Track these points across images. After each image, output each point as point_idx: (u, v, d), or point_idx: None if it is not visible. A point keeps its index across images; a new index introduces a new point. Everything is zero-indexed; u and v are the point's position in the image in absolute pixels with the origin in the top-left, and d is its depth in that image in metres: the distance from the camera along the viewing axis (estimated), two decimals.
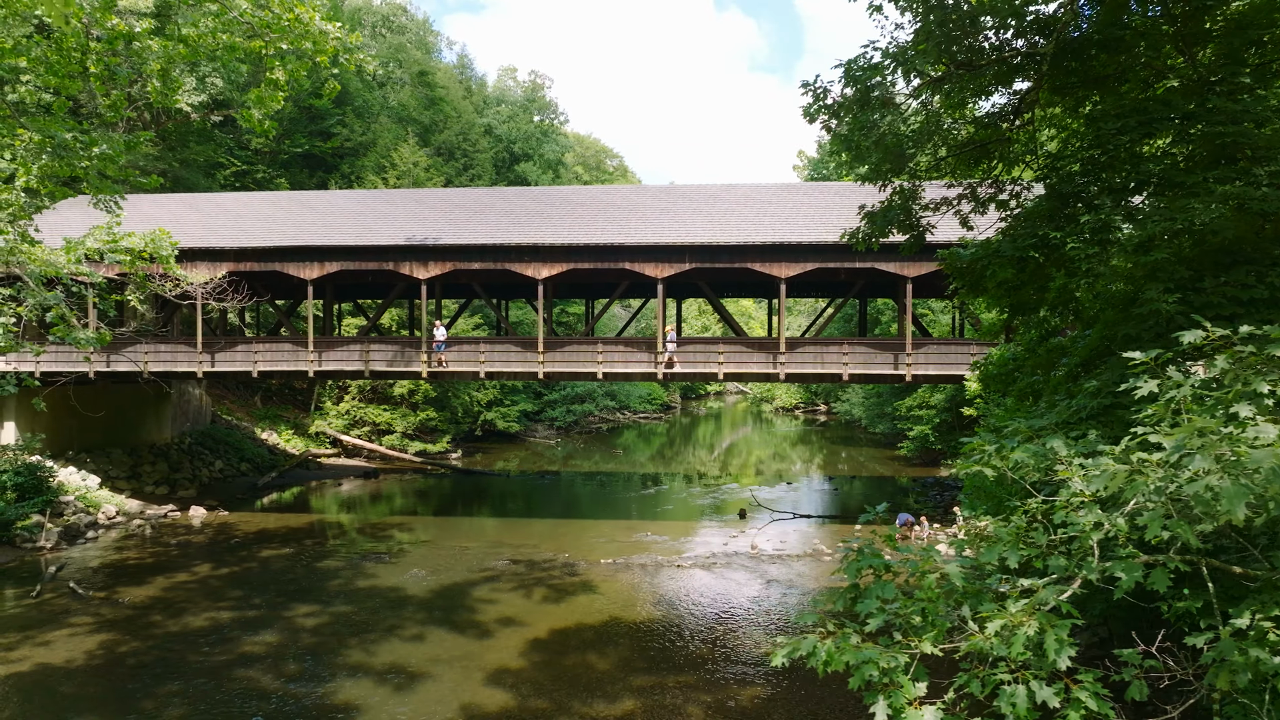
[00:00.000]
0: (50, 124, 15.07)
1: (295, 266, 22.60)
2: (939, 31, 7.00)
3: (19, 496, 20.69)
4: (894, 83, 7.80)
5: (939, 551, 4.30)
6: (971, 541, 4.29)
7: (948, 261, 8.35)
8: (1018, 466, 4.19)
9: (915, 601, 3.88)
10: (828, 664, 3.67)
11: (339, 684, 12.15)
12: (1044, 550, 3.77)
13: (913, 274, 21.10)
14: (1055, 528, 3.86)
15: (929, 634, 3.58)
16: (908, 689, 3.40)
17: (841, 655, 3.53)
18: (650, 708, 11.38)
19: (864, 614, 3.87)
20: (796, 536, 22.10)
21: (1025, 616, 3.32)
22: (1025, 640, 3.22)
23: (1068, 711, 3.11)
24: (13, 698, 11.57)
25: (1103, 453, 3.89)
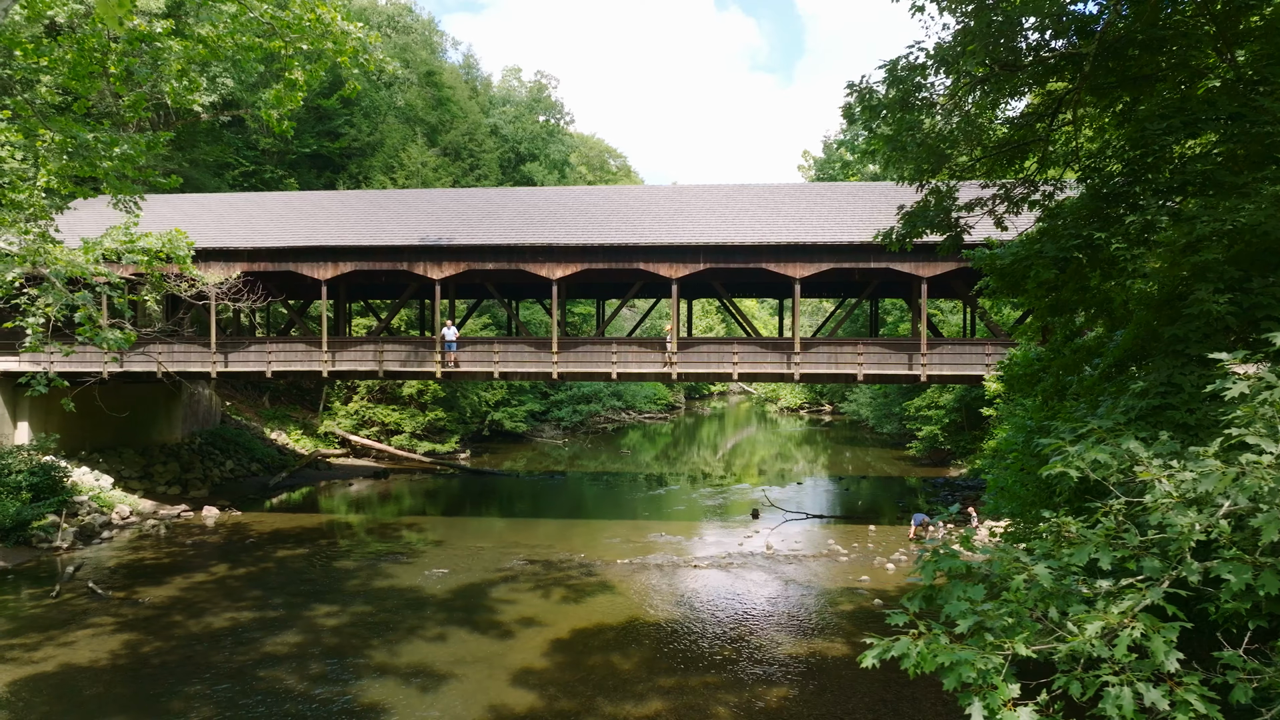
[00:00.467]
0: (71, 124, 15.09)
1: (309, 267, 22.61)
2: (983, 31, 6.99)
3: (34, 496, 20.70)
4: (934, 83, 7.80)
5: (1022, 552, 4.29)
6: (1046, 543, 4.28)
7: (985, 262, 8.34)
8: (1098, 467, 4.18)
9: (1003, 602, 3.87)
10: (920, 665, 3.66)
11: (365, 684, 12.15)
12: (1137, 551, 3.76)
13: (927, 274, 21.11)
14: (1146, 529, 3.84)
15: (1021, 635, 3.57)
16: (1003, 690, 3.40)
17: (935, 657, 3.52)
18: (677, 708, 11.37)
19: (953, 615, 3.86)
20: (809, 537, 22.09)
21: (1126, 618, 3.31)
22: (1130, 642, 3.21)
23: (1175, 714, 3.10)
24: (40, 698, 11.57)
25: (1193, 455, 3.88)
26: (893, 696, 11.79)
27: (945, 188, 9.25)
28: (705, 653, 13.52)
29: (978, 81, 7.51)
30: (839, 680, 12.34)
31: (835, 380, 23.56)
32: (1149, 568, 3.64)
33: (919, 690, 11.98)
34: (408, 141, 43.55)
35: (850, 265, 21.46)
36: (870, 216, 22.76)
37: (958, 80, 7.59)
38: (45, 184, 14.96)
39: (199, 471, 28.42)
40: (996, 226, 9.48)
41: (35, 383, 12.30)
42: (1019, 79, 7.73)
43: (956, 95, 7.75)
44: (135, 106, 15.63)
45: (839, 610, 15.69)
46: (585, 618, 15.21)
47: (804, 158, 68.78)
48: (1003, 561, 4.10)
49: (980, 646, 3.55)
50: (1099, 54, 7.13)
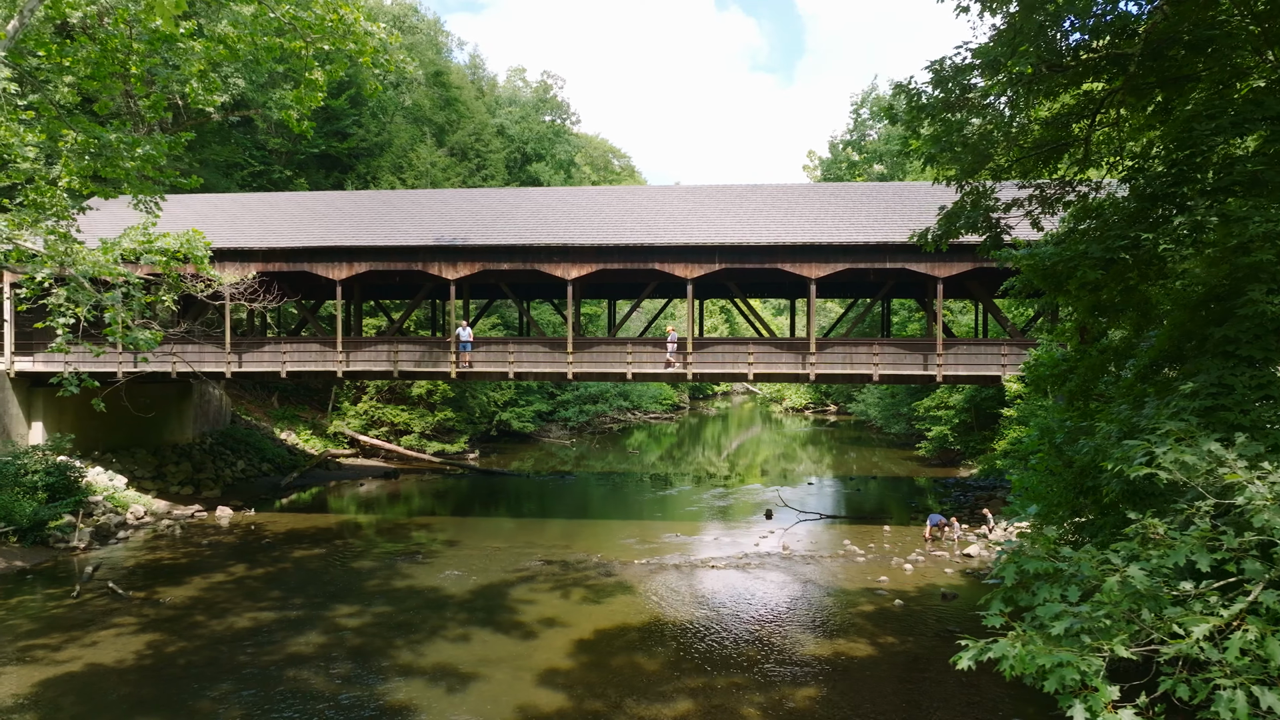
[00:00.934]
0: (93, 125, 15.10)
1: (324, 267, 22.62)
2: (1034, 32, 6.98)
3: (50, 497, 20.70)
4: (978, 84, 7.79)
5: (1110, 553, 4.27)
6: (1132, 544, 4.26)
7: (1026, 262, 8.33)
8: (1185, 468, 4.17)
9: (1097, 604, 3.86)
10: (1019, 667, 3.65)
11: (392, 685, 12.15)
12: (1236, 553, 3.76)
13: (943, 275, 21.11)
14: (1243, 530, 3.84)
15: (1119, 637, 3.57)
16: (1104, 693, 3.39)
17: (1034, 659, 3.51)
18: (706, 709, 11.37)
19: (1045, 617, 3.85)
20: (825, 537, 22.09)
21: (1235, 620, 3.31)
22: (1244, 644, 3.21)
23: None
24: (68, 699, 11.58)
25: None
26: (922, 697, 11.79)
27: (983, 188, 9.24)
28: (730, 653, 13.51)
29: (1023, 82, 7.50)
30: (866, 681, 12.33)
31: (850, 380, 23.55)
32: (1250, 570, 3.64)
33: (948, 690, 11.98)
34: (416, 142, 43.56)
35: (866, 265, 21.46)
36: (885, 217, 22.77)
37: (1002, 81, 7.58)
38: (67, 184, 14.98)
39: (211, 472, 28.43)
40: (1033, 227, 9.47)
41: (67, 383, 12.29)
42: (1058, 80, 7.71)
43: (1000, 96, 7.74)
44: (155, 107, 15.65)
45: (860, 611, 15.68)
46: (607, 618, 15.21)
47: (809, 158, 68.80)
48: (1088, 563, 4.09)
49: (1079, 649, 3.54)
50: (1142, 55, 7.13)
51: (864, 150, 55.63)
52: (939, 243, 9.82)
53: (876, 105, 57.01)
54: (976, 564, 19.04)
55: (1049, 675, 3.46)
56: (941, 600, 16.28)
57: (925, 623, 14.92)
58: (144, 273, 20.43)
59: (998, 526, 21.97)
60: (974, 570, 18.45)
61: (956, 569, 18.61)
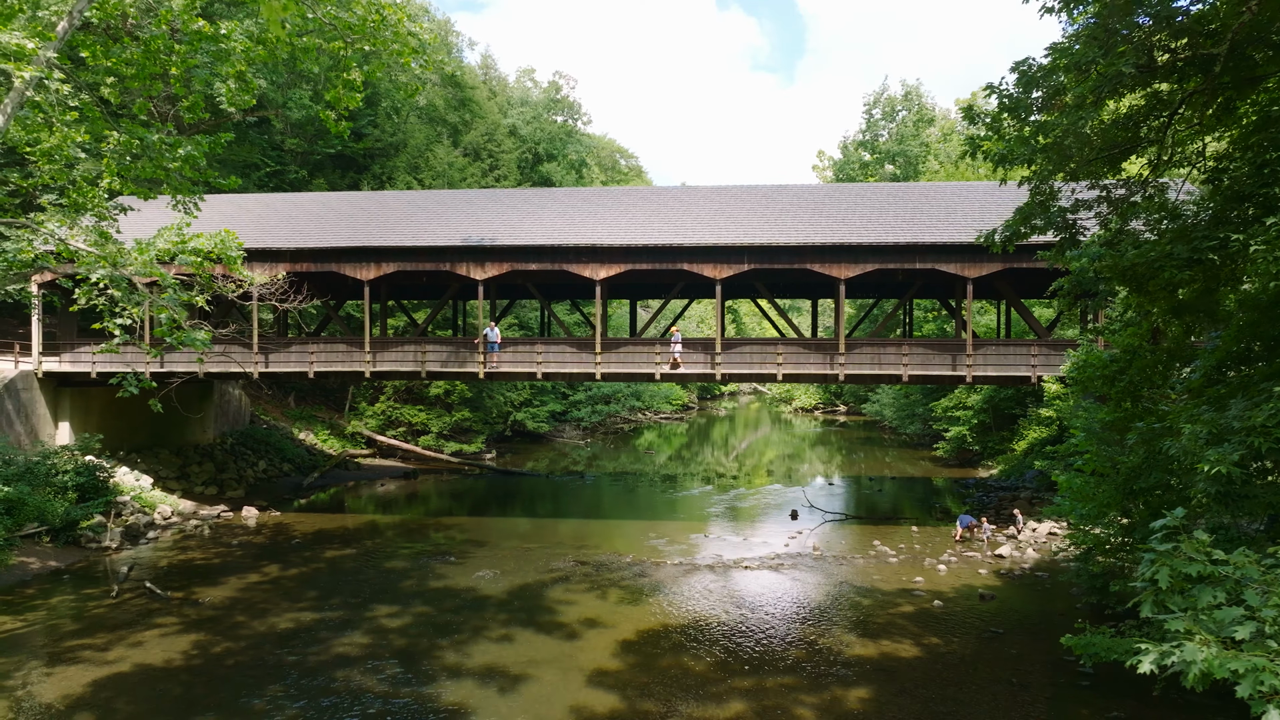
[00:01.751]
0: (136, 126, 15.13)
1: (352, 267, 22.64)
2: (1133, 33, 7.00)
3: (80, 497, 20.73)
4: (1063, 83, 7.79)
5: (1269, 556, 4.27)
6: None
7: (1106, 262, 8.32)
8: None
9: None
10: (1206, 672, 3.64)
11: (442, 685, 12.15)
12: None
13: (973, 275, 21.11)
14: None
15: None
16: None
17: (1225, 664, 3.50)
18: (760, 710, 11.37)
19: (1224, 620, 3.84)
20: (853, 537, 22.07)
21: None
22: None
23: None
24: (121, 698, 11.59)
25: None
26: (973, 699, 11.77)
27: (1053, 189, 9.24)
28: (775, 654, 13.51)
29: (1110, 83, 7.47)
30: (917, 683, 12.32)
31: (879, 381, 23.55)
32: None
33: (1000, 693, 11.97)
34: (432, 142, 43.56)
35: (895, 266, 21.46)
36: (913, 217, 22.77)
37: (1091, 82, 7.57)
38: (107, 185, 15.00)
39: (233, 472, 28.45)
40: (1101, 228, 9.47)
41: (127, 383, 12.30)
42: (1135, 80, 7.71)
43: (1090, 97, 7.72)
44: (194, 108, 15.67)
45: (900, 611, 15.67)
46: (647, 619, 15.21)
47: (819, 158, 68.74)
48: (1251, 567, 4.08)
49: (1268, 653, 3.53)
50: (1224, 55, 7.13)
51: (877, 150, 55.57)
52: (1007, 244, 9.82)
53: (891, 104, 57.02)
54: (1009, 564, 19.03)
55: (1243, 679, 3.45)
56: (980, 601, 16.27)
57: (967, 624, 14.91)
58: (175, 273, 20.48)
59: (1026, 527, 21.97)
60: (1007, 571, 18.43)
61: (990, 569, 18.60)
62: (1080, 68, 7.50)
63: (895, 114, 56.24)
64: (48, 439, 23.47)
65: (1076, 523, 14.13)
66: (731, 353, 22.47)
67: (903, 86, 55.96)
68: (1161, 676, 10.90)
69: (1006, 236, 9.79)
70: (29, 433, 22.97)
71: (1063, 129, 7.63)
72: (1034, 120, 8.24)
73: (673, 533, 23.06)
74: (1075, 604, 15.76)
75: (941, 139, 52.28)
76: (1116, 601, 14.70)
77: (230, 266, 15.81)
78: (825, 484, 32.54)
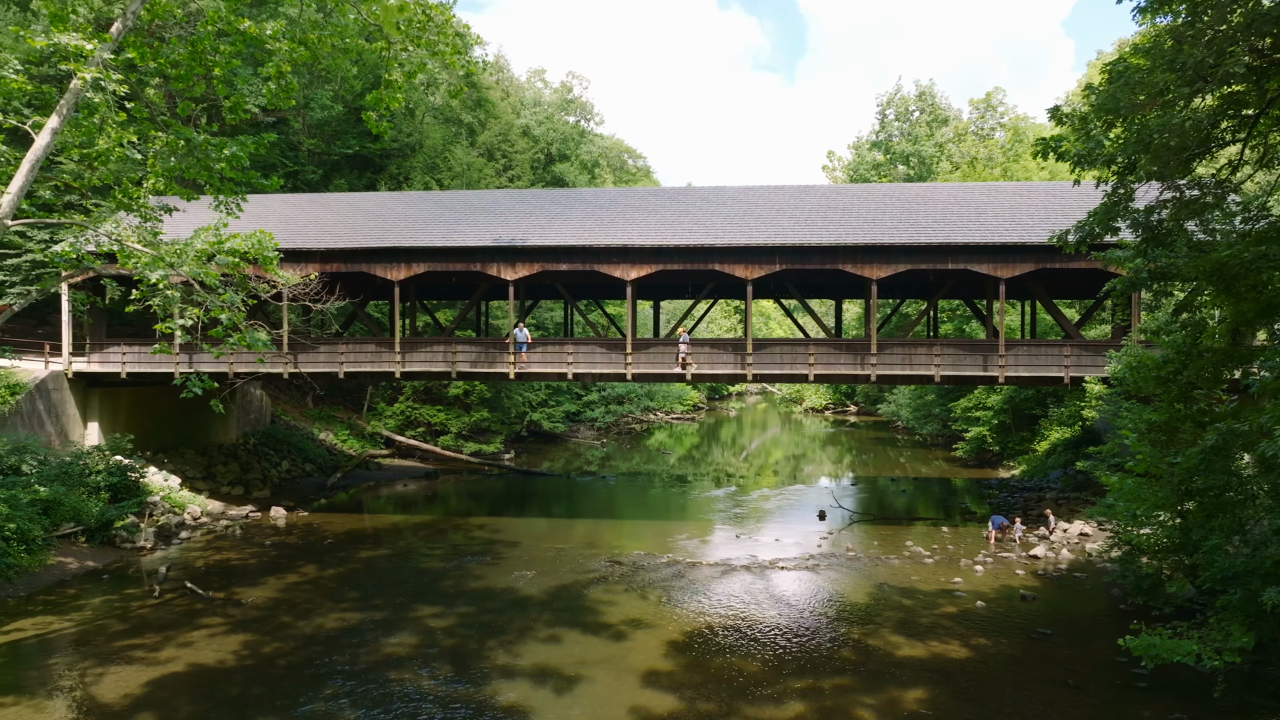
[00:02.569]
0: (182, 127, 15.15)
1: (383, 268, 22.65)
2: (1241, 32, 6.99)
3: (112, 497, 20.75)
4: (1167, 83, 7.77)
5: None
6: None
7: (1195, 262, 8.31)
8: None
9: None
10: None
11: (497, 685, 12.16)
12: None
13: (1006, 275, 21.10)
14: None
15: None
16: None
17: None
18: (820, 711, 11.36)
19: None
20: (884, 538, 22.05)
21: None
22: None
23: None
24: (181, 698, 11.60)
25: None
26: (1030, 700, 11.76)
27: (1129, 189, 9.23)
28: (825, 655, 13.50)
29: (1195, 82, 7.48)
30: (972, 684, 12.30)
31: (910, 381, 23.54)
32: None
33: (1056, 694, 11.97)
34: (449, 142, 43.58)
35: (927, 266, 21.45)
36: (943, 218, 22.76)
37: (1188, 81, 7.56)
38: (151, 186, 15.02)
39: (258, 472, 28.46)
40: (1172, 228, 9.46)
41: (191, 384, 12.33)
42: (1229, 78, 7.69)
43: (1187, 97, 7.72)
44: (236, 108, 15.69)
45: (944, 612, 15.66)
46: (691, 620, 15.21)
47: (829, 158, 68.79)
48: None
49: None
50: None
51: (890, 151, 55.53)
52: (1080, 245, 9.81)
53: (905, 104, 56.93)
54: (1044, 565, 19.01)
55: None
56: (1021, 601, 16.26)
57: (1012, 625, 14.89)
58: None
59: (1057, 527, 21.95)
60: (1044, 571, 18.41)
61: (1026, 570, 18.58)
62: (1177, 67, 7.48)
63: (909, 114, 56.20)
64: (77, 439, 23.49)
65: (1124, 524, 14.12)
66: (761, 353, 22.46)
67: (916, 87, 55.99)
68: (1222, 679, 10.88)
69: (1080, 238, 9.78)
70: (59, 433, 22.99)
71: (1155, 126, 7.60)
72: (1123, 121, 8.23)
73: (702, 533, 23.07)
74: (1119, 605, 15.74)
75: (955, 139, 52.27)
76: (1164, 602, 14.71)
77: (266, 267, 15.81)
78: (847, 484, 32.52)
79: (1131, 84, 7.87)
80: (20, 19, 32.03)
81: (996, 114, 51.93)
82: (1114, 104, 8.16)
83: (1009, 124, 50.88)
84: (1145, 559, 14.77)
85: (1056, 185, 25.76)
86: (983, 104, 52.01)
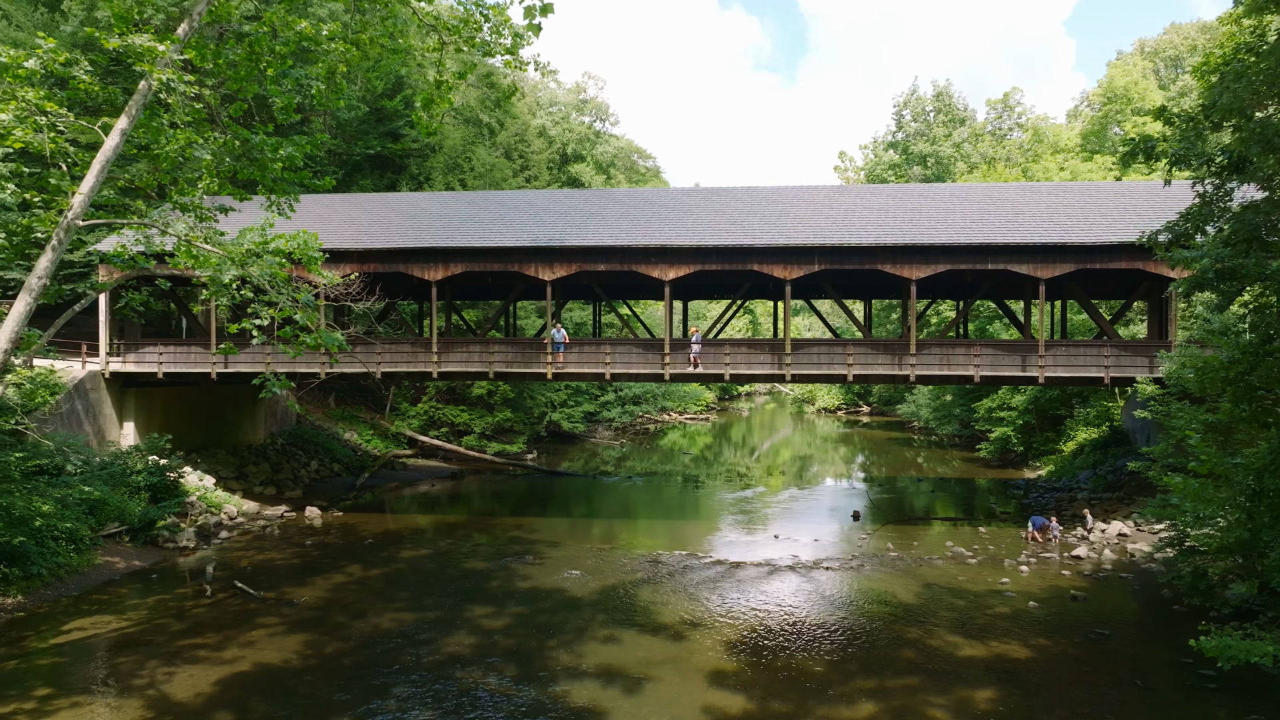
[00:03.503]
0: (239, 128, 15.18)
1: (420, 268, 22.67)
2: None
3: (151, 497, 20.78)
4: None
5: None
6: None
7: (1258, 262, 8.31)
8: None
9: None
10: None
11: (565, 686, 12.17)
12: None
13: (1046, 275, 21.10)
14: None
15: None
16: None
17: None
18: (892, 710, 11.37)
19: None
20: (923, 538, 22.04)
21: None
22: None
23: None
24: (254, 697, 11.62)
25: None
26: (1101, 700, 11.77)
27: (1227, 189, 9.25)
28: (887, 655, 13.50)
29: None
30: (1039, 684, 12.30)
31: (950, 381, 23.55)
32: None
33: (1124, 693, 11.97)
34: (469, 142, 43.60)
35: (966, 266, 21.45)
36: (980, 218, 22.76)
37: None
38: (206, 186, 15.05)
39: (288, 472, 28.49)
40: None
41: (270, 384, 12.36)
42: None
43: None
44: (287, 109, 15.70)
45: (996, 612, 15.66)
46: (746, 620, 15.21)
47: (841, 159, 68.79)
48: None
49: None
50: None
51: (908, 152, 55.50)
52: (1174, 246, 9.82)
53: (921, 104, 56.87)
54: (1088, 565, 18.99)
55: None
56: (1072, 601, 16.25)
57: (1068, 625, 14.88)
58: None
59: (1095, 527, 21.93)
60: (1090, 572, 18.38)
61: (1071, 570, 18.57)
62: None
63: (925, 114, 56.18)
64: (114, 439, 23.54)
65: (1184, 525, 14.12)
66: (799, 353, 22.46)
67: (933, 87, 55.96)
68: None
69: (1173, 238, 9.80)
70: (96, 433, 23.03)
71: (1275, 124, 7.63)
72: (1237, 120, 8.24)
73: (738, 534, 23.08)
74: (1172, 605, 15.73)
75: (971, 139, 52.25)
76: (1222, 604, 14.70)
77: (310, 267, 15.83)
78: (872, 485, 32.52)
79: (1253, 84, 7.89)
80: (49, 20, 32.11)
81: (1014, 114, 51.92)
82: (1236, 104, 8.16)
83: (1027, 124, 50.87)
84: (1202, 560, 14.77)
85: (1091, 185, 25.79)
86: (1000, 104, 52.01)
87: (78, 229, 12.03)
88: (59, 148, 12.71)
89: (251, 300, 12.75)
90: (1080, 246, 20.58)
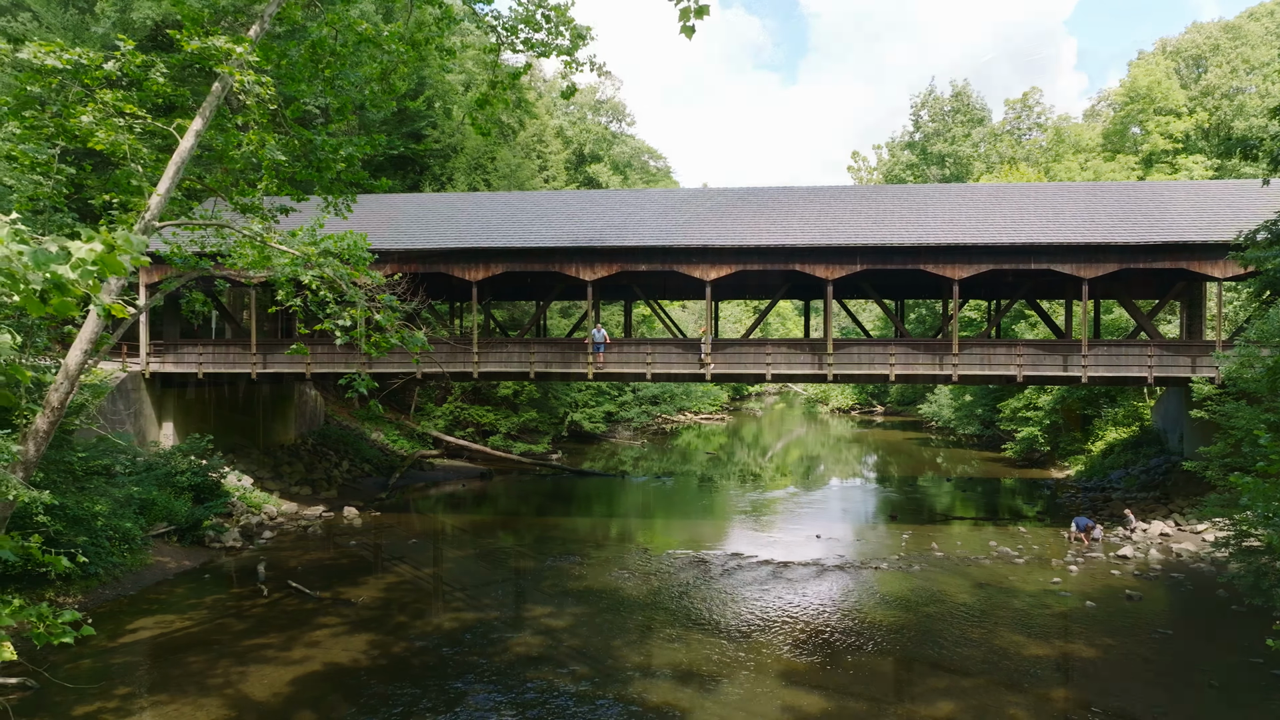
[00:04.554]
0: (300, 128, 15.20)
1: (461, 268, 22.69)
2: None
3: (195, 498, 20.80)
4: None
5: None
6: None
7: None
8: None
9: None
10: None
11: (639, 685, 12.18)
12: None
13: (1089, 275, 21.08)
14: None
15: None
16: None
17: None
18: (971, 709, 11.37)
19: None
20: (965, 538, 22.01)
21: None
22: None
23: None
24: (329, 697, 11.65)
25: None
26: (1174, 700, 11.77)
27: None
28: (954, 654, 13.50)
29: None
30: (1112, 682, 12.30)
31: (992, 381, 23.55)
32: None
33: (1197, 692, 11.98)
34: (493, 143, 43.60)
35: (1009, 266, 21.44)
36: (1019, 216, 22.76)
37: None
38: (264, 186, 15.07)
39: (321, 472, 28.52)
40: None
41: (356, 383, 12.37)
42: None
43: None
44: (343, 110, 15.73)
45: (1054, 612, 15.65)
46: (809, 619, 15.22)
47: (854, 159, 68.77)
48: None
49: None
50: None
51: (926, 152, 55.49)
52: (1273, 246, 9.83)
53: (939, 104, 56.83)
54: (1136, 565, 18.97)
55: None
56: (1127, 601, 16.25)
57: (1128, 625, 14.88)
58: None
59: (1137, 527, 21.92)
60: (1140, 572, 18.37)
61: (1121, 570, 18.56)
62: None
63: (943, 114, 56.13)
64: (154, 439, 23.56)
65: (1249, 525, 14.10)
66: (840, 353, 22.46)
67: (951, 87, 55.93)
68: None
69: (1271, 237, 9.80)
70: (138, 433, 23.05)
71: None
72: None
73: (778, 534, 23.07)
74: (1230, 605, 15.73)
75: (990, 138, 52.22)
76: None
77: (358, 268, 15.85)
78: (901, 485, 32.51)
79: None
80: (79, 21, 32.15)
81: (1033, 114, 51.90)
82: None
83: (1048, 125, 50.85)
84: (1267, 559, 14.74)
85: (1129, 185, 25.79)
86: (1019, 104, 51.98)
87: (156, 230, 12.04)
88: (134, 150, 12.74)
89: (323, 301, 12.73)
90: (1125, 246, 20.57)
